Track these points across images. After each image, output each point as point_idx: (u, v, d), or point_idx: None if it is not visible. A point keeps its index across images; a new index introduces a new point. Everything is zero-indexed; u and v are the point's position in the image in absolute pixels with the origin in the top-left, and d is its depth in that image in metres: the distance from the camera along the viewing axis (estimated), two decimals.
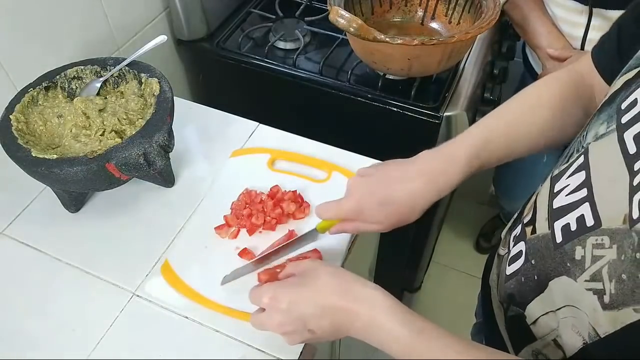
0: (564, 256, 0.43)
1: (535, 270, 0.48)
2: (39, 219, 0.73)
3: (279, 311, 0.51)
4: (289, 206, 0.70)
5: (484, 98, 1.06)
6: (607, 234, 0.39)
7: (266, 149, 0.80)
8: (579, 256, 0.41)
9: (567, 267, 0.43)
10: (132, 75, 0.75)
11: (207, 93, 1.18)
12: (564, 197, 0.46)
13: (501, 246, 0.61)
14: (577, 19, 0.95)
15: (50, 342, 0.61)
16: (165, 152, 0.69)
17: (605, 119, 0.45)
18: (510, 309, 0.53)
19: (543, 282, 0.46)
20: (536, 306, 0.48)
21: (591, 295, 0.40)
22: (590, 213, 0.41)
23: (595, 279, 0.39)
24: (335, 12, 0.79)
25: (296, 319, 0.51)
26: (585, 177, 0.44)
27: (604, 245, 0.39)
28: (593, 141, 0.45)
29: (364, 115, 0.97)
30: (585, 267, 0.41)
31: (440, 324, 0.45)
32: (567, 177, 0.47)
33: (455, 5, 0.95)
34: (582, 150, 0.46)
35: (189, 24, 1.02)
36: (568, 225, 0.44)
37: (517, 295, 0.51)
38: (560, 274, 0.44)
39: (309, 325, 0.50)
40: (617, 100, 0.44)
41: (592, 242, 0.40)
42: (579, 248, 0.42)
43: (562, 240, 0.44)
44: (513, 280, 0.52)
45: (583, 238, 0.41)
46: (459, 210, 1.79)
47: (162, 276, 0.66)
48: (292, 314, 0.51)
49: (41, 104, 0.72)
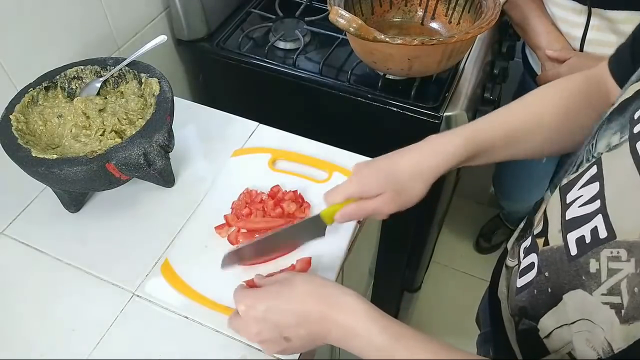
0: (579, 269, 0.42)
1: (549, 282, 0.47)
2: (39, 219, 0.73)
3: (254, 320, 0.51)
4: (289, 206, 0.70)
5: (484, 98, 1.06)
6: (624, 246, 0.38)
7: (267, 149, 0.80)
8: (593, 269, 0.40)
9: (582, 280, 0.42)
10: (132, 75, 0.75)
11: (207, 93, 1.18)
12: (577, 208, 0.45)
13: (509, 257, 0.60)
14: (576, 18, 0.95)
15: (50, 342, 0.61)
16: (165, 152, 0.69)
17: (617, 129, 0.44)
18: (522, 322, 0.52)
19: (557, 295, 0.45)
20: (550, 319, 0.47)
21: (608, 310, 0.39)
22: (603, 225, 0.41)
23: (612, 292, 0.38)
24: (335, 12, 0.79)
25: (272, 327, 0.50)
26: (599, 188, 0.43)
27: (621, 258, 0.38)
28: (606, 151, 0.44)
29: (364, 115, 0.97)
30: (602, 281, 0.40)
31: (440, 324, 0.45)
32: (579, 187, 0.46)
33: (455, 5, 0.95)
34: (594, 160, 0.46)
35: (189, 24, 1.02)
36: (583, 237, 0.43)
37: (529, 308, 0.50)
38: (575, 287, 0.43)
39: (285, 333, 0.50)
40: (630, 109, 0.43)
41: (606, 255, 0.39)
42: (592, 261, 0.41)
43: (578, 253, 0.43)
44: (525, 293, 0.51)
45: (596, 250, 0.40)
46: (459, 210, 1.79)
47: (162, 276, 0.66)
48: (268, 323, 0.50)
49: (41, 104, 0.72)
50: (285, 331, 0.50)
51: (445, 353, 0.44)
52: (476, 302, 0.73)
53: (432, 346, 0.44)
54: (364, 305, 0.48)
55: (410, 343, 0.45)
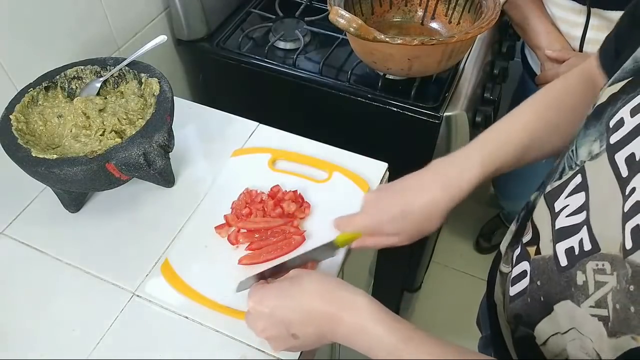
0: (569, 280, 0.42)
1: (542, 291, 0.47)
2: (39, 219, 0.73)
3: (262, 316, 0.51)
4: (289, 206, 0.70)
5: (484, 98, 1.06)
6: (608, 259, 0.38)
7: (267, 149, 0.80)
8: (580, 281, 0.40)
9: (572, 292, 0.42)
10: (132, 75, 0.75)
11: (207, 93, 1.18)
12: (564, 218, 0.45)
13: (503, 263, 0.59)
14: (575, 18, 0.95)
15: (50, 342, 0.61)
16: (165, 152, 0.69)
17: (596, 136, 0.43)
18: (519, 329, 0.51)
19: (549, 304, 0.45)
20: (545, 327, 0.46)
21: (596, 322, 0.39)
22: (587, 237, 0.40)
23: (600, 305, 0.38)
24: (335, 12, 0.79)
25: (279, 323, 0.50)
26: (585, 199, 0.43)
27: (605, 271, 0.38)
28: (588, 160, 0.44)
29: (364, 115, 0.97)
30: (590, 293, 0.39)
31: (440, 324, 0.45)
32: (565, 196, 0.46)
33: (455, 5, 0.95)
34: (577, 168, 0.45)
35: (189, 24, 1.02)
36: (572, 248, 0.43)
37: (524, 315, 0.50)
38: (565, 297, 0.43)
39: (292, 329, 0.50)
40: (605, 116, 0.43)
41: (592, 267, 0.39)
42: (579, 273, 0.41)
43: (567, 265, 0.43)
44: (519, 301, 0.51)
45: (583, 262, 0.40)
46: (459, 210, 1.78)
47: (162, 276, 0.66)
48: (275, 319, 0.50)
49: (41, 104, 0.72)
50: (292, 327, 0.50)
51: (454, 354, 0.44)
52: (476, 302, 0.73)
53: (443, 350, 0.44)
54: (372, 305, 0.48)
55: (421, 344, 0.45)
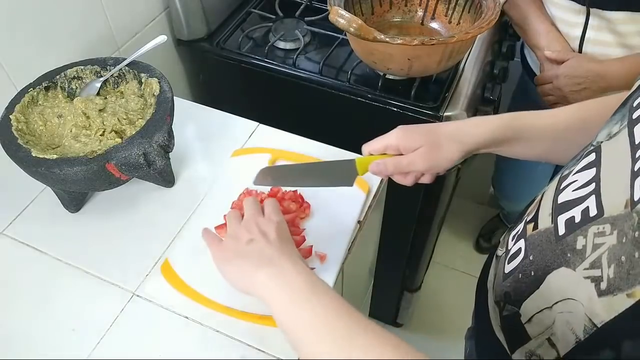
0: (565, 247, 0.43)
1: (533, 265, 0.48)
2: (39, 219, 0.73)
3: (238, 218, 0.59)
4: (289, 206, 0.70)
5: (484, 98, 1.06)
6: (609, 221, 0.39)
7: (267, 149, 0.80)
8: (580, 246, 0.41)
9: (567, 258, 0.43)
10: (132, 75, 0.75)
11: (207, 93, 1.18)
12: (570, 192, 0.46)
13: (499, 247, 0.61)
14: (574, 19, 0.95)
15: (50, 342, 0.61)
16: (165, 152, 0.69)
17: (618, 119, 0.45)
18: (506, 308, 0.53)
19: (540, 277, 0.46)
20: (531, 303, 0.48)
21: (589, 284, 0.40)
22: (594, 204, 0.42)
23: (594, 266, 0.39)
24: (335, 12, 0.79)
25: (250, 218, 0.57)
26: (595, 173, 0.44)
27: (605, 233, 0.39)
28: (606, 140, 0.45)
29: (364, 115, 0.97)
30: (586, 256, 0.41)
31: (440, 324, 0.46)
32: (574, 173, 0.47)
33: (455, 5, 0.96)
34: (593, 148, 0.47)
35: (189, 24, 1.02)
36: (572, 218, 0.44)
37: (512, 293, 0.51)
38: (559, 265, 0.44)
39: (261, 225, 0.56)
40: (630, 100, 0.45)
41: (593, 231, 0.40)
42: (580, 238, 0.42)
43: (565, 232, 0.44)
44: (510, 279, 0.52)
45: (585, 228, 0.41)
46: (459, 210, 1.79)
47: (162, 276, 0.66)
48: (250, 222, 0.57)
49: (41, 104, 0.72)
50: (261, 224, 0.56)
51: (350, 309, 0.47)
52: None
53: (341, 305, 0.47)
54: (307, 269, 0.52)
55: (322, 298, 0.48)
